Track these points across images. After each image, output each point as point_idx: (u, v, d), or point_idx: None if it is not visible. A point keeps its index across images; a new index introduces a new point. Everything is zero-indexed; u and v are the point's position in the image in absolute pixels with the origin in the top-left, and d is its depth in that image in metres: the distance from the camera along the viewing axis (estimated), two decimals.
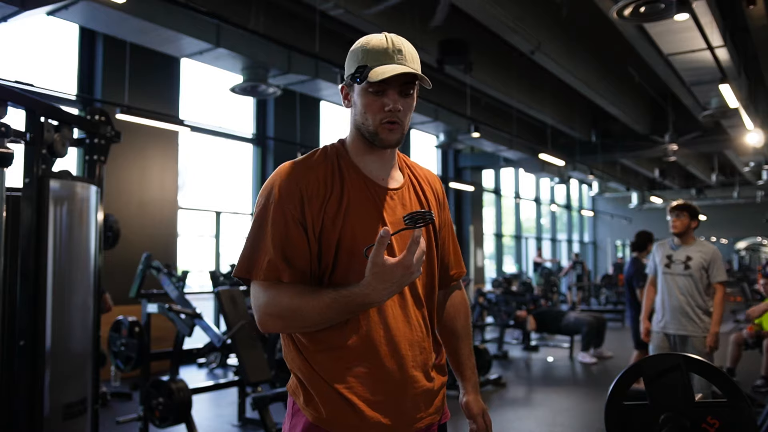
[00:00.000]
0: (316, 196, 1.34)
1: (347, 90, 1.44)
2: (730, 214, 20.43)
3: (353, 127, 1.46)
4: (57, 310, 2.56)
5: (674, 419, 1.50)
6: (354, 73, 1.38)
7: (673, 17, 5.55)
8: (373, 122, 1.39)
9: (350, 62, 1.42)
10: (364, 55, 1.39)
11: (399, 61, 1.39)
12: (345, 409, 1.30)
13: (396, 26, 7.17)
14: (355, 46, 1.44)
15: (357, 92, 1.41)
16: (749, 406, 1.48)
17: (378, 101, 1.38)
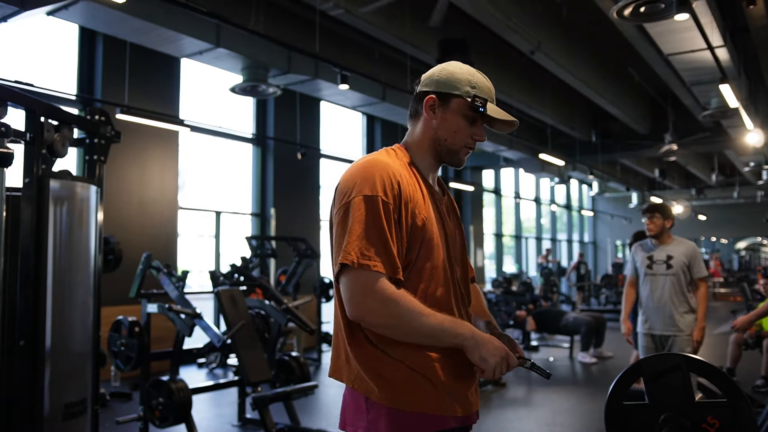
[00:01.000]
0: (410, 198, 1.44)
1: (438, 102, 1.52)
2: (730, 214, 20.44)
3: (429, 138, 1.55)
4: (57, 310, 2.56)
5: (674, 419, 1.50)
6: (474, 101, 1.49)
7: (673, 17, 5.54)
8: (459, 144, 1.53)
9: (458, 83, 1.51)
10: (476, 86, 1.52)
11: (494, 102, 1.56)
12: (430, 390, 1.40)
13: (396, 26, 7.17)
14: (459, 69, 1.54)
15: (454, 112, 1.51)
16: (749, 406, 1.48)
17: (469, 129, 1.52)
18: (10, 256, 2.42)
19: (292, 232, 8.92)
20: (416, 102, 1.57)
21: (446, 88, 1.51)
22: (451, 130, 1.51)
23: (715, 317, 13.10)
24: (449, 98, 1.51)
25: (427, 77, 1.57)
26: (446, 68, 1.55)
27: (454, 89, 1.50)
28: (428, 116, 1.53)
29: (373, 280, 1.35)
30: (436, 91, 1.52)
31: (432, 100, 1.52)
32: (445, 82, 1.52)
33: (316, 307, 8.30)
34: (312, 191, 10.06)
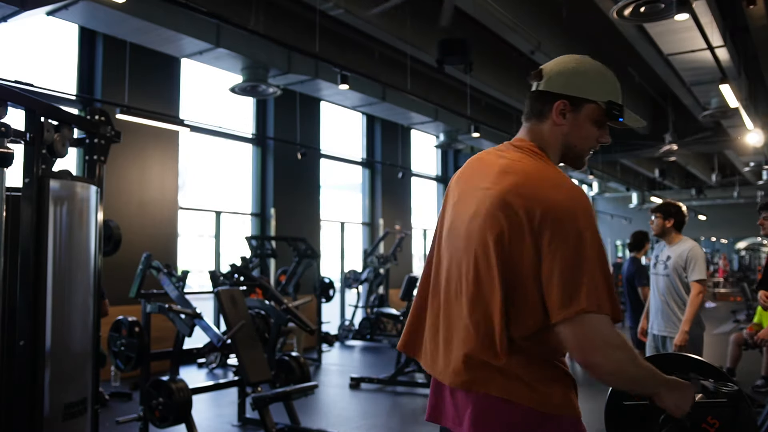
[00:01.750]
0: None
1: (568, 107, 1.43)
2: (730, 214, 20.44)
3: (559, 143, 1.46)
4: (57, 310, 2.56)
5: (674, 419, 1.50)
6: (612, 109, 1.43)
7: (673, 17, 5.54)
8: (587, 150, 1.47)
9: (595, 87, 1.43)
10: (610, 90, 1.45)
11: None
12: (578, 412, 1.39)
13: (396, 26, 7.17)
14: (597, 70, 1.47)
15: (586, 118, 1.43)
16: (749, 406, 1.48)
17: (597, 133, 1.45)
18: (10, 256, 2.42)
19: (292, 232, 8.92)
20: (540, 102, 1.46)
21: (578, 91, 1.42)
22: (581, 137, 1.44)
23: (716, 317, 13.10)
24: (582, 103, 1.42)
25: (553, 74, 1.46)
26: (576, 67, 1.45)
27: (587, 94, 1.42)
28: (557, 121, 1.43)
29: (608, 327, 1.28)
30: (568, 94, 1.42)
31: (563, 104, 1.42)
32: (576, 84, 1.42)
33: (316, 307, 8.31)
34: (312, 191, 10.06)
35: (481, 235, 1.35)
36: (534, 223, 1.29)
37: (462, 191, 1.50)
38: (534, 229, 1.29)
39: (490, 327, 1.34)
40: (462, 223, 1.44)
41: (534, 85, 1.49)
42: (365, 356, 8.83)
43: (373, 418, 5.47)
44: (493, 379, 1.33)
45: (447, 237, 1.51)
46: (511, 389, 1.32)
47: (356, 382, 6.52)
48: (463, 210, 1.46)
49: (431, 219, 14.05)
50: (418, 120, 11.29)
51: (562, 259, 1.26)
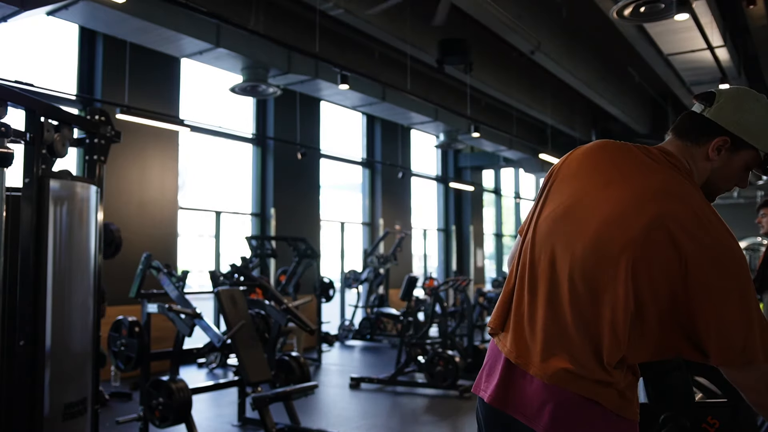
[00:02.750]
0: None
1: (727, 145, 1.36)
2: (730, 214, 20.41)
3: (705, 176, 1.39)
4: (57, 310, 2.56)
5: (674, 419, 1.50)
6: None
7: (673, 17, 5.55)
8: (723, 189, 1.42)
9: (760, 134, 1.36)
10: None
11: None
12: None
13: (396, 26, 7.17)
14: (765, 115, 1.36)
15: (740, 160, 1.37)
16: (749, 406, 1.48)
17: (738, 175, 1.39)
18: (10, 256, 2.42)
19: (292, 232, 8.92)
20: (701, 128, 1.38)
21: (746, 135, 1.34)
22: (728, 179, 1.38)
23: None
24: (743, 146, 1.34)
25: (728, 103, 1.36)
26: (754, 106, 1.36)
27: (754, 139, 1.34)
28: (711, 156, 1.36)
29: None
30: (733, 133, 1.34)
31: (724, 142, 1.35)
32: (746, 126, 1.34)
33: (316, 307, 8.31)
34: (312, 191, 10.06)
35: (620, 248, 1.27)
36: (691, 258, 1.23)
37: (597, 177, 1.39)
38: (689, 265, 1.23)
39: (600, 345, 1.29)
40: (591, 216, 1.33)
41: (700, 106, 1.40)
42: (365, 356, 8.83)
43: (373, 418, 5.47)
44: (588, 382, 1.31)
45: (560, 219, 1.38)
46: (602, 393, 1.29)
47: (356, 382, 6.52)
48: (595, 203, 1.34)
49: (431, 219, 14.05)
50: (418, 120, 11.29)
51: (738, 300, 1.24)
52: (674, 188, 1.31)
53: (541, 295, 1.37)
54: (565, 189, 1.41)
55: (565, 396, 1.31)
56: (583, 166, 1.42)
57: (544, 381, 1.32)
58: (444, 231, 14.05)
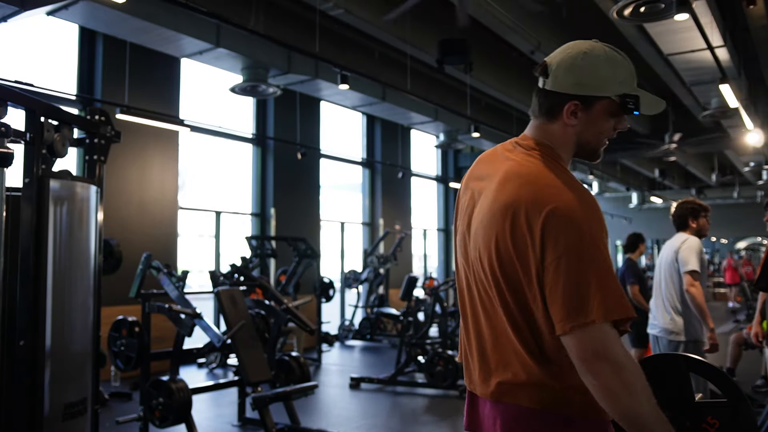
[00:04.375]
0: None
1: (581, 107, 1.34)
2: (730, 214, 20.43)
3: (571, 141, 1.38)
4: (57, 310, 2.56)
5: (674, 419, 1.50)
6: (628, 105, 1.34)
7: (673, 17, 5.54)
8: (601, 142, 1.39)
9: (602, 82, 1.33)
10: (623, 80, 1.34)
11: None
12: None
13: (396, 26, 7.17)
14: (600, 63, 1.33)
15: (599, 114, 1.35)
16: (749, 406, 1.48)
17: (611, 123, 1.37)
18: (10, 256, 2.42)
19: (292, 232, 8.92)
20: (548, 100, 1.36)
21: (590, 90, 1.32)
22: (596, 133, 1.36)
23: (715, 317, 13.10)
24: (594, 101, 1.33)
25: (560, 71, 1.33)
26: (584, 62, 1.32)
27: (599, 91, 1.32)
28: (569, 122, 1.35)
29: (610, 339, 1.20)
30: (578, 94, 1.33)
31: (574, 106, 1.33)
32: (586, 82, 1.32)
33: (316, 307, 8.31)
34: (312, 191, 10.06)
35: (492, 245, 1.30)
36: (536, 230, 1.23)
37: (471, 194, 1.45)
38: (536, 236, 1.23)
39: (512, 340, 1.31)
40: (474, 230, 1.38)
41: (540, 81, 1.38)
42: (365, 356, 8.83)
43: (373, 418, 5.47)
44: (522, 389, 1.30)
45: (462, 244, 1.46)
46: (540, 398, 1.29)
47: (356, 382, 6.52)
48: (473, 215, 1.41)
49: (431, 219, 14.05)
50: (418, 120, 11.29)
51: (568, 265, 1.20)
52: (516, 171, 1.32)
53: (469, 317, 1.43)
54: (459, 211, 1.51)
55: (511, 410, 1.31)
56: (466, 185, 1.50)
57: (489, 400, 1.35)
58: (444, 231, 14.05)
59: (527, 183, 1.29)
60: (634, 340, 5.55)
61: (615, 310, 1.19)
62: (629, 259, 5.88)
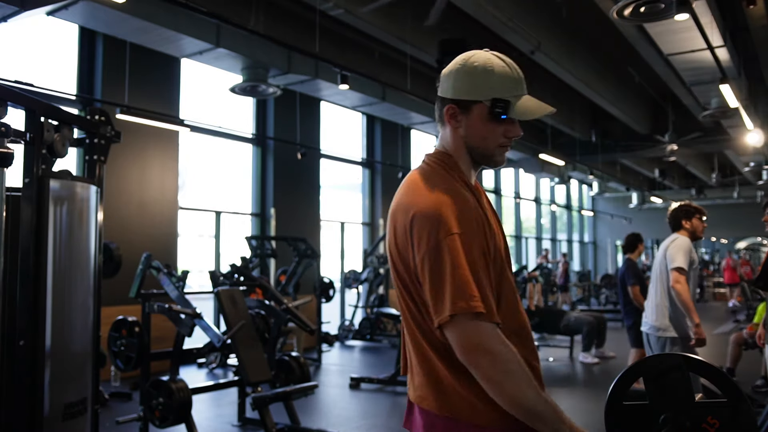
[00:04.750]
0: (483, 223, 1.34)
1: (458, 111, 1.40)
2: (730, 214, 20.45)
3: (461, 146, 1.42)
4: (57, 310, 2.56)
5: (674, 419, 1.50)
6: (496, 109, 1.37)
7: (673, 17, 5.55)
8: (491, 148, 1.41)
9: (474, 87, 1.39)
10: (497, 84, 1.38)
11: (524, 89, 1.42)
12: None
13: (396, 26, 7.17)
14: (473, 68, 1.40)
15: (478, 118, 1.38)
16: (749, 406, 1.48)
17: (500, 128, 1.39)
18: (10, 256, 2.42)
19: (292, 232, 8.92)
20: (437, 106, 1.45)
21: (463, 93, 1.39)
22: (479, 137, 1.39)
23: (715, 317, 13.11)
24: (469, 105, 1.38)
25: (443, 77, 1.44)
26: (461, 68, 1.41)
27: (471, 95, 1.38)
28: (452, 125, 1.41)
29: (493, 331, 1.25)
30: (454, 98, 1.40)
31: (452, 109, 1.40)
32: (461, 87, 1.39)
33: (316, 307, 8.31)
34: (312, 191, 10.06)
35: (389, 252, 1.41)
36: (407, 233, 1.32)
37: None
38: (407, 239, 1.32)
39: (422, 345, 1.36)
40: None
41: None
42: (365, 356, 8.83)
43: (373, 418, 5.47)
44: (434, 395, 1.34)
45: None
46: (450, 406, 1.32)
47: (356, 382, 6.52)
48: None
49: None
50: (418, 120, 11.29)
51: (429, 264, 1.27)
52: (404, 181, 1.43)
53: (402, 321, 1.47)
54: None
55: (427, 417, 1.36)
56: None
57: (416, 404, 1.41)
58: None
59: (404, 190, 1.40)
60: (633, 341, 5.55)
61: (459, 303, 1.23)
62: (629, 260, 5.89)
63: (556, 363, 7.72)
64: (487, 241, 1.32)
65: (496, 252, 1.35)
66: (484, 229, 1.33)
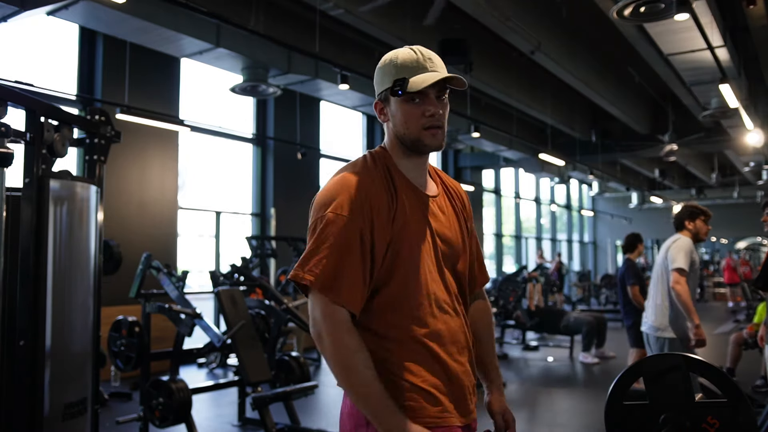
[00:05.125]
0: (384, 209, 1.39)
1: (382, 105, 1.48)
2: (730, 214, 20.43)
3: (393, 137, 1.49)
4: (57, 310, 2.56)
5: (674, 419, 1.51)
6: (393, 87, 1.43)
7: (673, 17, 5.55)
8: (415, 130, 1.43)
9: (384, 78, 1.46)
10: (398, 69, 1.44)
11: (432, 68, 1.44)
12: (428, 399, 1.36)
13: (396, 26, 7.17)
14: (383, 63, 1.49)
15: (395, 105, 1.45)
16: (749, 406, 1.48)
17: (418, 109, 1.43)
18: (10, 256, 2.42)
19: (292, 232, 8.92)
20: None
21: (379, 87, 1.48)
22: (402, 123, 1.44)
23: (715, 317, 13.11)
24: (387, 97, 1.46)
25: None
26: (379, 65, 1.51)
27: (382, 86, 1.46)
28: (384, 121, 1.50)
29: (331, 311, 1.31)
30: (377, 95, 1.49)
31: (378, 106, 1.50)
32: (377, 82, 1.49)
33: None
34: (312, 191, 9.95)
35: None
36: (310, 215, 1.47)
37: None
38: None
39: None
40: None
41: None
42: None
43: None
44: None
45: None
46: None
47: None
48: None
49: None
50: None
51: (308, 240, 1.40)
52: None
53: None
54: None
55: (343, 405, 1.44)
56: None
57: None
58: None
59: None
60: (633, 341, 5.55)
61: (296, 271, 1.33)
62: (628, 260, 5.89)
63: (556, 363, 7.72)
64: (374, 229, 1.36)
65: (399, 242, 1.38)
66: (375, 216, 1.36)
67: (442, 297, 1.43)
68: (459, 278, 1.52)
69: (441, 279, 1.44)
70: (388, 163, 1.48)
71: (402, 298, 1.38)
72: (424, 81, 1.40)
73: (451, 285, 1.48)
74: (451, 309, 1.45)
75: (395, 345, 1.37)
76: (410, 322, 1.38)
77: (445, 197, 1.56)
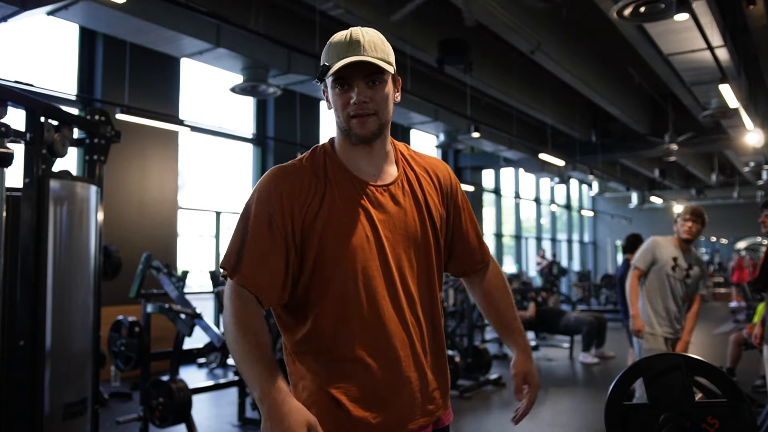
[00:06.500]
0: (297, 199, 1.33)
1: (325, 94, 1.41)
2: (730, 214, 20.44)
3: (336, 126, 1.41)
4: (57, 310, 2.56)
5: (674, 419, 1.51)
6: (319, 75, 1.36)
7: (673, 17, 5.55)
8: (343, 118, 1.35)
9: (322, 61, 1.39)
10: (328, 53, 1.35)
11: (356, 53, 1.30)
12: (333, 408, 1.31)
13: (396, 26, 7.17)
14: (325, 47, 1.39)
15: (329, 91, 1.37)
16: (749, 406, 1.48)
17: (345, 96, 1.33)
18: (10, 256, 2.42)
19: None
20: None
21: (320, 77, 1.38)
22: (334, 111, 1.37)
23: (715, 317, 13.11)
24: (325, 86, 1.38)
25: None
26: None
27: (319, 76, 1.37)
28: (328, 108, 1.41)
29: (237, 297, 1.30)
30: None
31: (324, 93, 1.41)
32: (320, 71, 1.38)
33: None
34: None
35: None
36: None
37: None
38: None
39: None
40: None
41: None
42: None
43: None
44: None
45: None
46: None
47: None
48: None
49: None
50: (418, 120, 11.28)
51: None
52: None
53: None
54: None
55: None
56: None
57: None
58: None
59: None
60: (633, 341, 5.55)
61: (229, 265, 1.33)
62: (628, 260, 5.90)
63: (556, 363, 7.71)
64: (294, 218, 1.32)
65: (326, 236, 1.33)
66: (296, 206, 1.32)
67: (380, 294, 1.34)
68: (419, 271, 1.41)
69: (383, 276, 1.34)
70: (327, 156, 1.40)
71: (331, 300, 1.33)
72: (339, 61, 1.30)
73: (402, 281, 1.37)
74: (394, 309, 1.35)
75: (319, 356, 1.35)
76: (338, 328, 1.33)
77: (405, 183, 1.43)
